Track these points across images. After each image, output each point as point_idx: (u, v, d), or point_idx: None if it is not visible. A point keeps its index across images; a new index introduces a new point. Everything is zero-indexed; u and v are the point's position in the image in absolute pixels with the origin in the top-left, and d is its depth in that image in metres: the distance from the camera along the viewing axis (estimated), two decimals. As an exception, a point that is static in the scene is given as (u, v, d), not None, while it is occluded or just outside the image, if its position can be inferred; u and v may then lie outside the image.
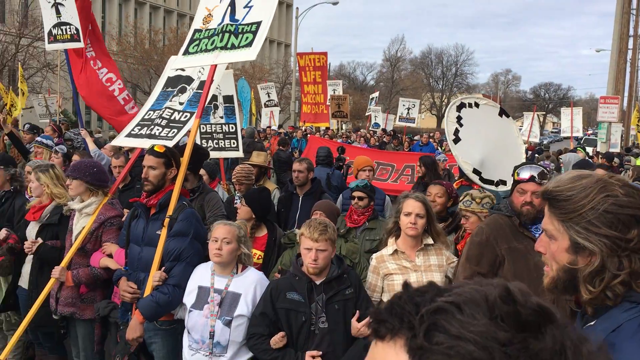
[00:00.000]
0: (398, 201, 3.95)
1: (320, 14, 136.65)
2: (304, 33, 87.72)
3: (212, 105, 7.77)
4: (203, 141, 7.66)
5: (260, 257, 4.62)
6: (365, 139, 20.19)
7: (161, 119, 4.91)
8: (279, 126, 24.77)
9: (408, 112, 21.26)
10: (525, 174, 3.54)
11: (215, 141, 7.85)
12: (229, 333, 3.43)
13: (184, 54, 4.51)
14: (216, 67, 4.38)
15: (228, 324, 3.44)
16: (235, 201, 6.12)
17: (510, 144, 6.10)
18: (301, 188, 6.25)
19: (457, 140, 5.78)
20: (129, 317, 3.94)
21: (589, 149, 21.69)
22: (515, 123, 6.65)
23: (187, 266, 3.72)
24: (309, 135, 17.86)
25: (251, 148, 9.75)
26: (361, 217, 5.29)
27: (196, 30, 4.55)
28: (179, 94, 5.06)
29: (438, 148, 18.36)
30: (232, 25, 4.21)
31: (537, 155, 17.79)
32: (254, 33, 4.07)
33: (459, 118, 5.85)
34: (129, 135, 5.03)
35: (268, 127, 22.00)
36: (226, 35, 4.20)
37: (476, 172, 5.70)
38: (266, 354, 3.35)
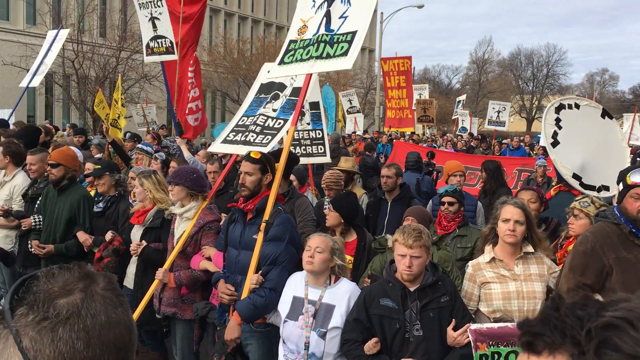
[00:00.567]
0: (495, 207, 3.83)
1: (404, 18, 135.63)
2: (388, 38, 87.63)
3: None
4: (291, 147, 7.78)
5: (350, 262, 4.63)
6: (452, 144, 19.77)
7: (255, 126, 5.04)
8: (364, 131, 24.77)
9: (498, 116, 20.58)
10: (638, 178, 3.31)
11: (303, 147, 7.96)
12: (324, 345, 3.45)
13: (280, 64, 4.59)
14: (311, 77, 4.45)
15: (323, 336, 3.46)
16: (324, 206, 6.19)
17: (614, 148, 5.76)
18: (390, 193, 6.21)
19: (556, 143, 5.52)
20: (226, 318, 4.06)
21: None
22: (619, 125, 6.28)
23: (283, 270, 3.79)
24: (395, 140, 17.72)
25: (336, 154, 9.80)
26: (451, 224, 5.18)
27: (291, 41, 4.63)
28: (272, 101, 5.18)
29: (531, 152, 17.61)
30: (328, 35, 4.26)
31: (639, 159, 16.67)
32: (350, 42, 4.10)
33: (558, 120, 5.59)
34: (224, 141, 5.21)
35: (353, 133, 22.06)
36: (321, 45, 4.25)
37: (576, 177, 5.42)
38: (360, 360, 3.34)
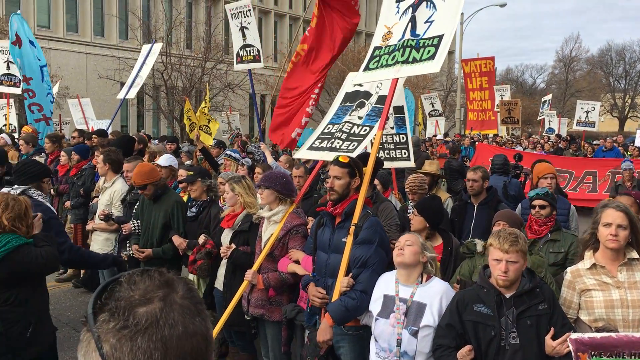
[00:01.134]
0: (595, 211, 3.65)
1: (484, 18, 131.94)
2: (468, 39, 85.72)
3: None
4: (375, 152, 7.78)
5: (436, 267, 4.57)
6: (539, 145, 19.03)
7: (341, 133, 5.10)
8: (445, 134, 24.38)
9: (587, 116, 19.64)
10: None
11: (386, 151, 7.94)
12: (416, 343, 3.42)
13: (365, 70, 4.61)
14: (397, 82, 4.44)
15: (415, 334, 3.44)
16: (408, 210, 6.13)
17: None
18: (476, 197, 6.07)
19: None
20: (316, 321, 4.12)
21: None
22: None
23: (373, 273, 3.80)
24: (477, 142, 17.30)
25: (416, 157, 9.69)
26: (542, 228, 5.02)
27: (376, 47, 4.64)
28: (358, 109, 5.23)
29: (625, 153, 16.63)
30: (413, 40, 4.24)
31: None
32: (437, 46, 4.06)
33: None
34: (310, 148, 5.30)
35: (434, 136, 21.76)
36: (407, 49, 4.24)
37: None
38: (453, 367, 3.28)
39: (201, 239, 5.44)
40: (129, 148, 8.49)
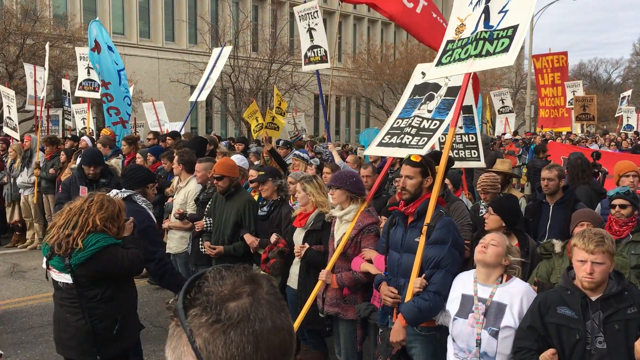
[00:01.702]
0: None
1: (555, 12, 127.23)
2: (538, 34, 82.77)
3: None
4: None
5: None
6: (616, 143, 18.13)
7: (410, 128, 5.02)
8: (514, 132, 23.66)
9: (670, 111, 18.53)
10: None
11: (455, 151, 7.80)
12: (496, 344, 3.35)
13: (437, 65, 4.53)
14: (470, 76, 4.34)
15: (495, 335, 3.36)
16: (480, 210, 5.99)
17: None
18: (551, 197, 5.86)
19: None
20: (389, 320, 4.10)
21: None
22: None
23: (447, 274, 3.73)
24: (549, 141, 16.68)
25: (485, 156, 9.45)
26: (623, 228, 4.83)
27: (449, 41, 4.55)
28: (427, 102, 5.12)
29: None
30: (487, 32, 4.12)
31: None
32: (511, 38, 3.94)
33: None
34: (380, 144, 5.25)
35: (502, 134, 21.16)
36: (480, 42, 4.14)
37: None
38: (536, 370, 3.18)
39: (273, 238, 5.50)
40: (202, 149, 8.74)
